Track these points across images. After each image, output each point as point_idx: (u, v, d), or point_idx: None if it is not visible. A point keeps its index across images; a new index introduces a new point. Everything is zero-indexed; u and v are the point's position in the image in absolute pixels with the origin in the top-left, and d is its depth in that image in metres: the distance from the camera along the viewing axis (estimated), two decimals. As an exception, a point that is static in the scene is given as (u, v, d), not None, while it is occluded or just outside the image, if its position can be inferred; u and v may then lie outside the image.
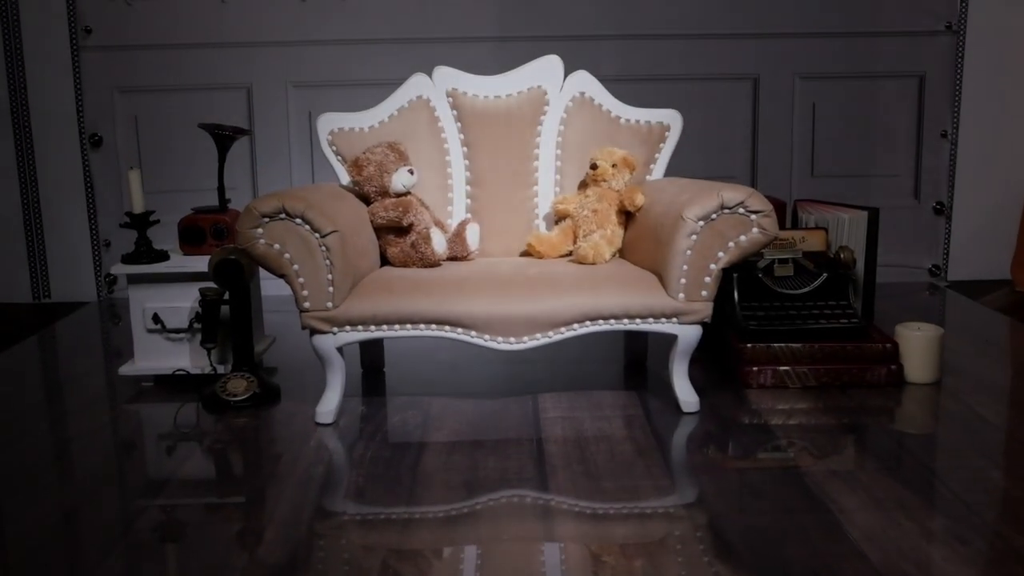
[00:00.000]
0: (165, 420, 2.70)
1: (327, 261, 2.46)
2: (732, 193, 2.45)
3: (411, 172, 2.76)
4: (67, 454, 2.48)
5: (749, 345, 2.81)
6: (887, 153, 4.12)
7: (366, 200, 2.78)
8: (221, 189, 3.07)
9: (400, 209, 2.70)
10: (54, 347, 3.65)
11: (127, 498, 2.20)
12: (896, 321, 2.89)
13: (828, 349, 2.79)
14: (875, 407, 2.65)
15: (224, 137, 3.00)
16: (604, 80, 3.96)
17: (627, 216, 2.83)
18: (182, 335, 2.93)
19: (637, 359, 3.04)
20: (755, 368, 2.78)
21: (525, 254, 2.89)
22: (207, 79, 4.02)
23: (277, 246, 2.46)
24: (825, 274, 2.92)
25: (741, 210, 2.46)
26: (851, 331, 2.83)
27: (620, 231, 2.82)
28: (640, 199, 2.75)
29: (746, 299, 2.92)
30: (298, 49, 4.00)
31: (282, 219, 2.44)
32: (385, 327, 2.52)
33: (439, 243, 2.71)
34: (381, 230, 2.76)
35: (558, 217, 2.91)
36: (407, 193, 2.78)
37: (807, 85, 4.07)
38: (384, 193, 2.75)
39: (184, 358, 2.95)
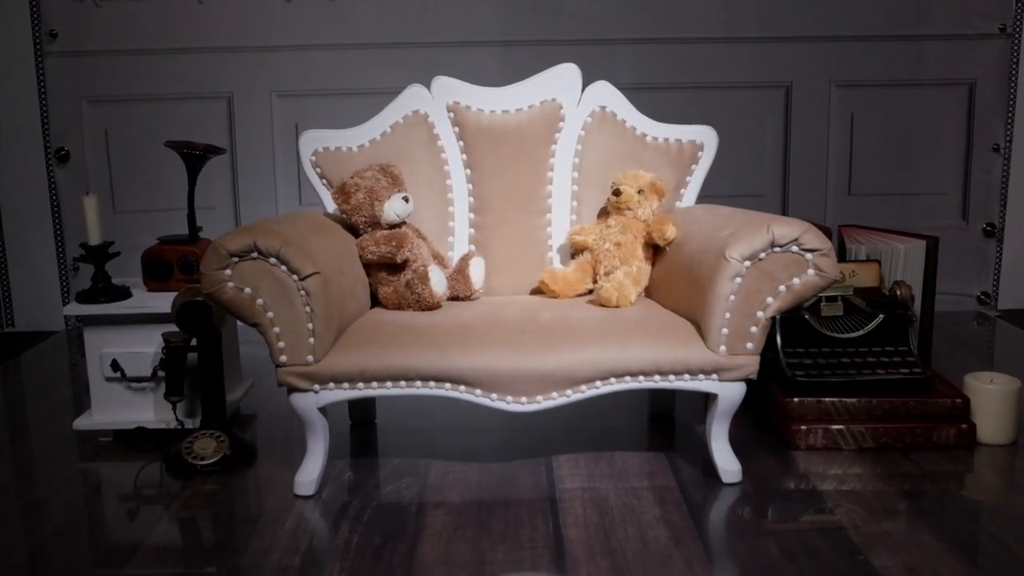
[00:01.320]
0: (125, 483, 2.34)
1: (307, 308, 2.09)
2: (784, 228, 2.08)
3: (406, 200, 2.39)
4: (21, 518, 2.13)
5: (796, 400, 2.44)
6: (933, 169, 3.75)
7: (355, 231, 2.42)
8: (191, 216, 2.70)
9: (393, 243, 2.33)
10: (18, 384, 3.28)
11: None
12: (948, 360, 2.52)
13: (887, 405, 2.42)
14: (945, 473, 2.27)
15: (195, 157, 2.63)
16: (619, 88, 3.63)
17: (655, 250, 2.46)
18: (145, 384, 2.57)
19: (663, 410, 2.67)
20: (803, 427, 2.41)
21: (537, 292, 2.53)
22: (184, 88, 3.65)
23: (248, 290, 2.09)
24: (881, 315, 2.55)
25: (795, 248, 2.09)
26: (913, 383, 2.46)
27: (647, 267, 2.45)
28: (671, 231, 2.38)
29: (790, 344, 2.55)
30: (283, 55, 3.64)
31: (254, 259, 2.08)
32: (375, 384, 2.15)
33: (438, 283, 2.34)
34: (372, 266, 2.39)
35: (575, 250, 2.54)
36: (402, 223, 2.41)
37: (845, 94, 3.70)
38: (375, 224, 2.39)
39: (147, 410, 2.58)
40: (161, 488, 2.30)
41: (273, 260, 2.07)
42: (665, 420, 2.66)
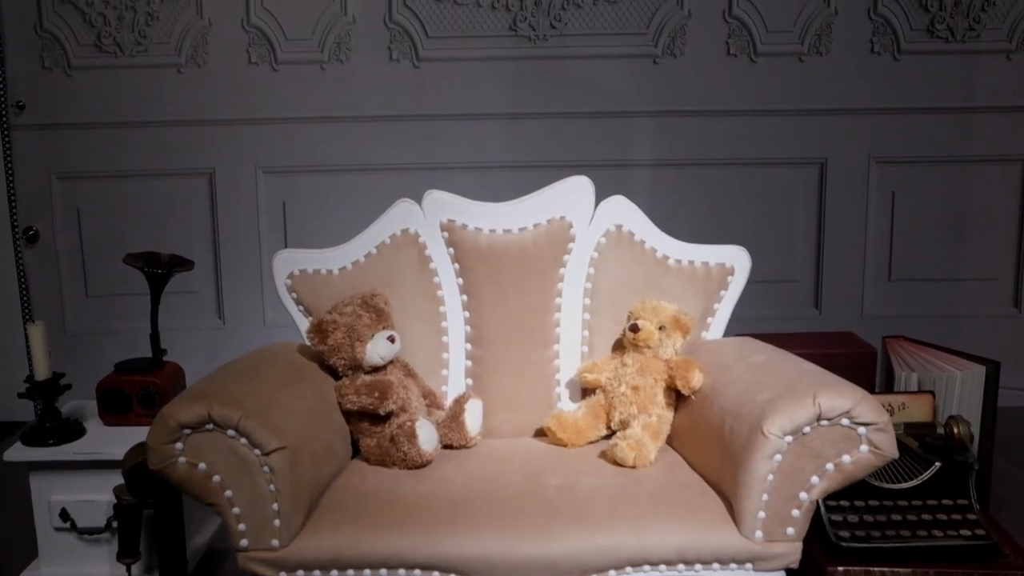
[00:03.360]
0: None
1: (271, 486, 1.78)
2: (834, 399, 1.76)
3: (391, 340, 2.09)
4: None
5: (840, 569, 2.11)
6: (982, 252, 3.40)
7: (333, 371, 2.11)
8: (155, 338, 2.40)
9: (376, 394, 2.02)
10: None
11: None
12: (1006, 485, 2.18)
13: (948, 577, 2.09)
14: (1016, 665, 1.95)
15: (158, 276, 2.33)
16: (638, 166, 3.32)
17: (678, 393, 2.13)
18: (98, 536, 2.27)
19: (687, 564, 2.34)
20: (850, 603, 2.09)
21: (542, 433, 2.21)
22: (162, 163, 3.35)
23: (203, 466, 1.78)
24: (938, 463, 2.22)
25: (845, 421, 1.77)
26: (977, 549, 2.13)
27: (669, 415, 2.13)
28: (697, 380, 2.06)
29: (832, 495, 2.21)
30: (270, 128, 3.34)
31: (209, 431, 1.77)
32: (351, 572, 1.84)
33: (427, 440, 2.02)
34: (353, 413, 2.08)
35: (586, 388, 2.22)
36: (388, 364, 2.11)
37: (885, 171, 3.36)
38: (356, 366, 2.08)
39: (101, 562, 2.29)
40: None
41: (232, 432, 1.77)
42: (688, 575, 2.33)
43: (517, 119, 3.31)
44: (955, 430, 2.32)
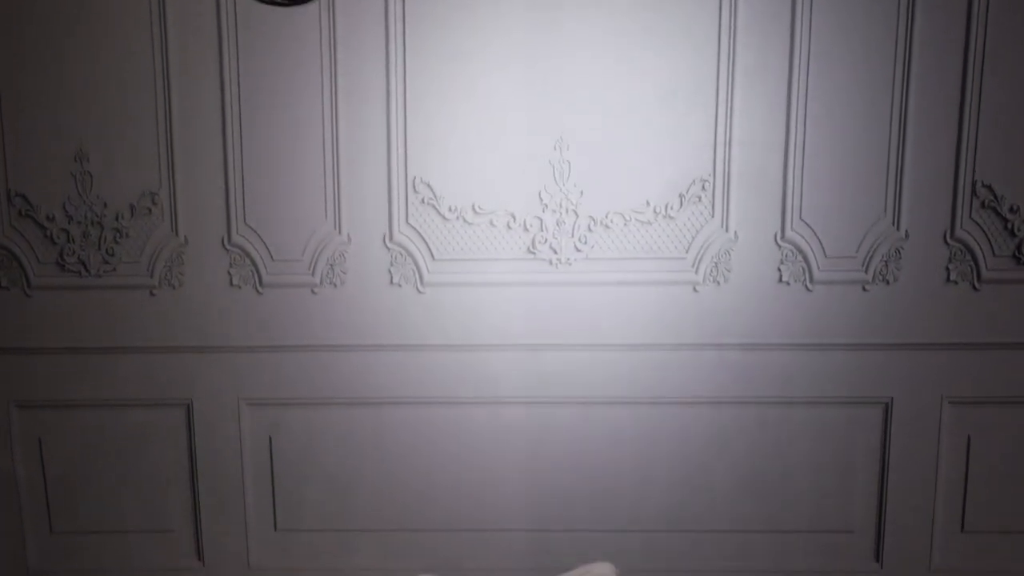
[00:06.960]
0: None
1: None
2: None
3: None
4: None
5: None
6: (1071, 505, 2.96)
7: None
8: None
9: None
10: None
11: None
12: None
13: None
14: None
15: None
16: (672, 404, 2.94)
17: None
18: None
19: None
20: None
21: None
22: (134, 393, 2.97)
23: None
24: None
25: None
26: None
27: None
28: None
29: None
30: (254, 356, 2.94)
31: None
32: None
33: None
34: None
35: None
36: None
37: (960, 413, 2.92)
38: None
39: None
40: None
41: None
42: None
43: (535, 351, 2.89)
44: None
